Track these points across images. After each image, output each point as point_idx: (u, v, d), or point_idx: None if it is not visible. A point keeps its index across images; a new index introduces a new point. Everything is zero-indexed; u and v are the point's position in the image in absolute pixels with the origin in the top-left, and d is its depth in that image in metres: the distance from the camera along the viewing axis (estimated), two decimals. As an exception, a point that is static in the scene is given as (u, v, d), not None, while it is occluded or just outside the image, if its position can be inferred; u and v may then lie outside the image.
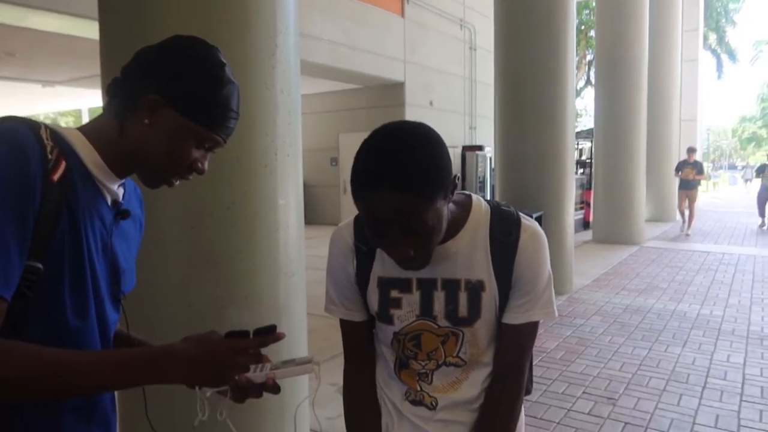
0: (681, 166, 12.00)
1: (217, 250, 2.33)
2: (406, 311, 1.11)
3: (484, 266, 1.07)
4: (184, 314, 2.34)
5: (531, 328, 1.11)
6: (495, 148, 6.89)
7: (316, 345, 3.83)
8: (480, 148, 13.91)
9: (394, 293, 1.12)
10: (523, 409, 1.19)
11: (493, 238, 1.07)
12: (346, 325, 1.20)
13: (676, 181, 12.20)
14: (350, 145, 13.27)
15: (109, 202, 0.98)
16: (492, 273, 1.07)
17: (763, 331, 5.15)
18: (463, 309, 1.09)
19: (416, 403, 1.17)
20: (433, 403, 1.16)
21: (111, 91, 0.98)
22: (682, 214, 11.99)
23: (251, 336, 0.95)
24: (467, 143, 14.21)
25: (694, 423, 3.30)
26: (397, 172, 0.90)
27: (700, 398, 3.65)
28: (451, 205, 1.05)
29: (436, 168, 0.93)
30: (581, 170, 12.96)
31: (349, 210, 13.54)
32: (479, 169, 13.58)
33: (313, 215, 13.15)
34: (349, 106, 13.28)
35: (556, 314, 1.11)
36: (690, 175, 11.74)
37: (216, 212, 2.32)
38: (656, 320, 5.46)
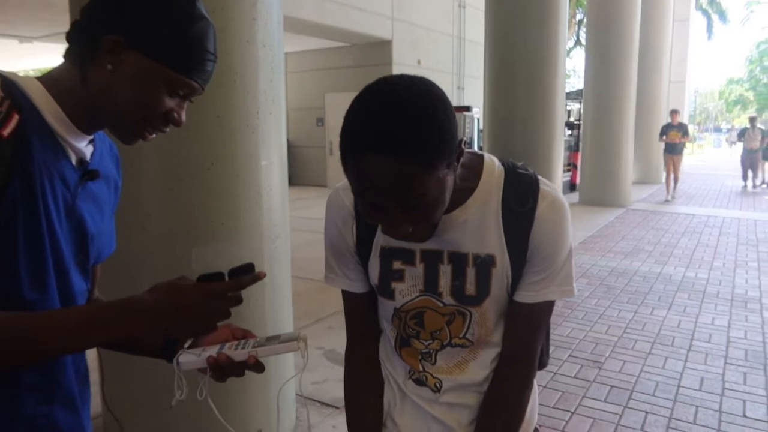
0: (666, 130, 11.60)
1: (197, 214, 2.24)
2: (409, 285, 1.00)
3: (495, 239, 0.94)
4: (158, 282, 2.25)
5: (546, 307, 0.99)
6: (484, 108, 6.77)
7: (300, 308, 3.79)
8: (468, 108, 13.71)
9: (397, 265, 1.00)
10: (535, 387, 1.08)
11: (506, 207, 0.94)
12: (348, 297, 1.09)
13: (662, 145, 11.93)
14: (336, 104, 13.04)
15: (74, 161, 0.88)
16: (504, 247, 0.94)
17: (747, 293, 5.19)
18: (470, 286, 0.97)
19: (420, 383, 1.07)
20: (437, 385, 1.05)
21: (71, 35, 0.86)
22: (668, 180, 11.49)
23: (226, 278, 0.85)
24: (455, 104, 13.98)
25: (679, 386, 3.31)
26: (393, 135, 0.76)
27: (685, 361, 3.67)
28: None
29: (440, 130, 0.78)
30: (569, 132, 12.86)
31: (335, 171, 13.40)
32: (467, 130, 13.42)
33: (298, 176, 13.00)
34: (335, 64, 12.97)
35: (575, 292, 0.98)
36: (676, 138, 11.38)
37: (195, 173, 2.21)
38: (642, 283, 5.48)
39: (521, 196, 0.93)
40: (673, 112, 11.69)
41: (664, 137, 11.59)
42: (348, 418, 1.13)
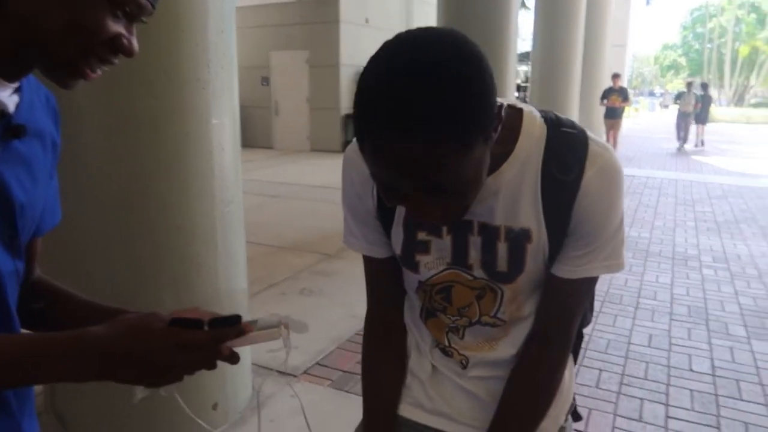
0: (607, 94, 11.61)
1: (144, 175, 2.06)
2: (435, 257, 0.89)
3: (531, 211, 0.82)
4: (107, 251, 2.09)
5: (588, 284, 0.87)
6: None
7: (251, 274, 3.65)
8: (416, 69, 13.59)
9: (422, 235, 0.89)
10: (571, 362, 0.99)
11: (546, 175, 0.80)
12: (369, 261, 0.98)
13: (602, 110, 12.04)
14: (281, 63, 12.62)
15: None
16: (542, 220, 0.82)
17: (687, 252, 5.40)
18: (501, 262, 0.86)
19: (446, 353, 0.98)
20: (464, 362, 0.96)
21: None
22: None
23: (205, 327, 0.70)
24: (403, 64, 13.83)
25: (629, 343, 3.41)
26: (416, 105, 0.61)
27: (634, 318, 3.78)
28: None
29: (474, 96, 0.64)
30: (516, 94, 12.96)
31: (282, 133, 13.08)
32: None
33: (243, 138, 12.57)
34: (281, 21, 12.50)
35: (624, 266, 0.85)
36: (616, 102, 11.36)
37: (141, 132, 2.03)
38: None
39: (565, 163, 0.79)
40: (615, 76, 11.65)
41: (605, 101, 11.62)
42: (364, 387, 1.04)
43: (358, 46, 12.19)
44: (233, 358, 0.73)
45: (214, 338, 0.69)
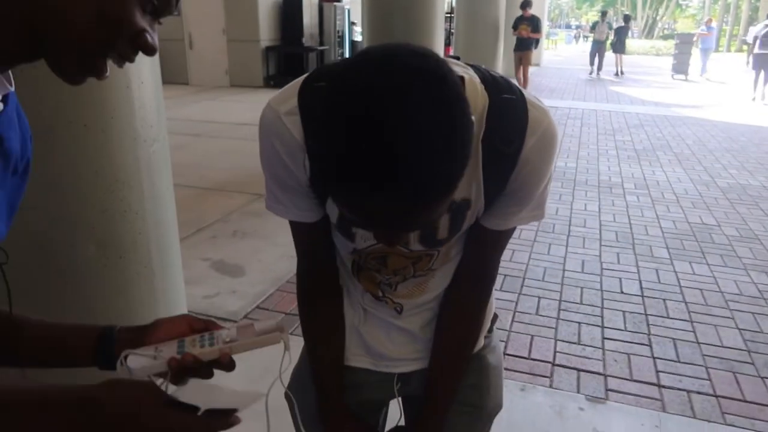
0: (516, 23, 10.48)
1: (52, 113, 1.81)
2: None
3: (472, 182, 0.80)
4: (21, 205, 1.84)
5: (513, 231, 0.90)
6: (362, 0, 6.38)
7: (179, 218, 3.45)
8: (338, -1, 13.05)
9: None
10: (493, 303, 1.05)
11: (487, 147, 0.76)
12: (296, 225, 0.91)
13: (511, 42, 10.88)
14: (193, -9, 11.71)
15: None
16: (482, 189, 0.80)
17: (611, 179, 5.61)
18: (443, 231, 0.85)
19: (379, 299, 0.98)
20: (398, 309, 0.98)
21: None
22: (518, 81, 10.23)
23: (201, 410, 0.65)
24: (324, -6, 13.25)
25: (564, 269, 3.52)
26: (407, 170, 0.55)
27: (566, 246, 3.90)
28: None
29: (465, 144, 0.60)
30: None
31: (197, 68, 12.31)
32: (338, 22, 12.81)
33: (155, 73, 11.77)
34: (188, -57, 11.52)
35: (545, 215, 0.88)
36: (525, 32, 10.32)
37: (43, 65, 1.76)
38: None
39: (507, 134, 0.76)
40: (525, 5, 10.42)
41: (515, 31, 10.55)
42: (309, 352, 1.02)
43: (276, -27, 11.49)
44: (230, 366, 0.70)
45: (207, 426, 0.64)
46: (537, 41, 10.64)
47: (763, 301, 3.14)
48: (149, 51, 0.61)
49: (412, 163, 0.55)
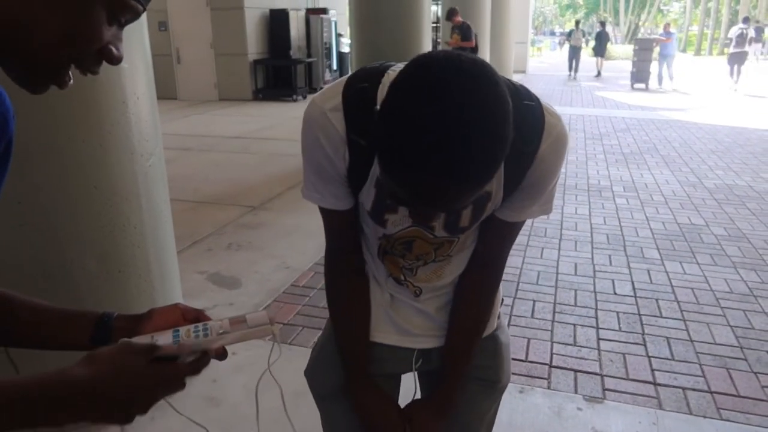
0: (452, 32, 9.26)
1: (51, 129, 1.83)
2: (402, 216, 0.95)
3: (495, 178, 0.88)
4: (15, 218, 1.85)
5: (524, 223, 1.02)
6: (349, 11, 6.43)
7: (174, 232, 3.46)
8: (324, 11, 13.12)
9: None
10: (501, 289, 1.14)
11: (510, 147, 0.85)
12: (330, 213, 1.00)
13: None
14: (180, 7, 11.75)
15: None
16: (501, 184, 0.91)
17: (600, 183, 5.67)
18: (465, 220, 0.95)
19: (399, 283, 1.07)
20: (417, 292, 1.08)
21: None
22: None
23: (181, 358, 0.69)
24: (310, 5, 13.31)
25: (557, 272, 3.56)
26: (460, 162, 0.66)
27: (559, 249, 3.94)
28: None
29: (508, 141, 0.69)
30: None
31: (185, 82, 12.32)
32: (324, 34, 12.89)
33: (143, 89, 11.75)
34: (174, -41, 11.57)
35: (552, 210, 1.00)
36: (455, 41, 9.00)
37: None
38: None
39: (527, 136, 0.85)
40: (451, 13, 9.20)
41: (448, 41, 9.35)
42: (336, 328, 1.12)
43: (262, -13, 11.54)
44: (223, 356, 0.74)
45: (192, 369, 0.68)
46: (472, 50, 8.85)
47: (753, 298, 3.20)
48: (114, 62, 0.62)
49: (465, 160, 0.66)
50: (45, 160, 1.83)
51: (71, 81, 0.62)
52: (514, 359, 2.60)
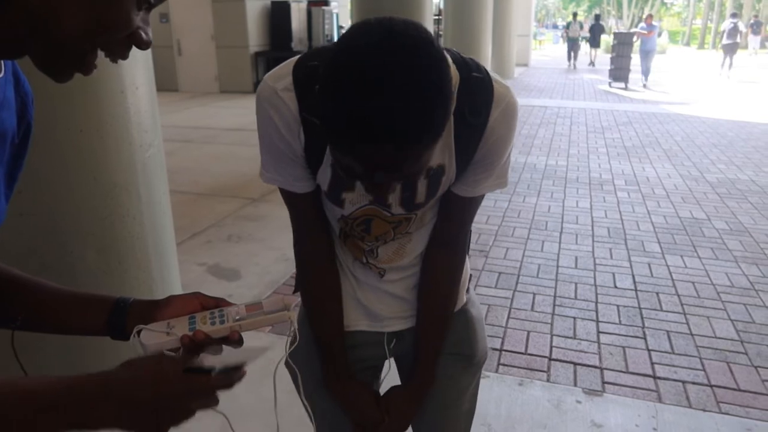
0: None
1: (49, 120, 1.82)
2: (359, 194, 0.95)
3: (446, 150, 0.90)
4: (17, 206, 1.85)
5: (481, 198, 1.01)
6: (351, 3, 6.40)
7: (174, 224, 3.46)
8: (326, 2, 13.06)
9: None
10: (468, 264, 1.14)
11: (459, 119, 0.87)
12: (292, 195, 0.99)
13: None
14: (181, -2, 11.70)
15: None
16: (454, 156, 0.91)
17: (601, 177, 5.65)
18: (420, 196, 0.95)
19: (365, 266, 1.08)
20: (381, 273, 1.07)
21: None
22: None
23: (215, 370, 0.68)
24: (312, -2, 13.27)
25: (558, 266, 3.55)
26: (405, 125, 0.66)
27: (560, 243, 3.93)
28: None
29: (451, 102, 0.71)
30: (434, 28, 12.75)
31: (186, 74, 12.29)
32: (326, 26, 12.84)
33: (144, 81, 11.73)
34: (174, -50, 11.51)
35: (508, 184, 1.00)
36: None
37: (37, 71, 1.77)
38: (510, 173, 5.73)
39: (476, 107, 0.86)
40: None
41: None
42: (311, 319, 1.10)
43: (263, -22, 11.49)
44: (239, 343, 0.73)
45: (222, 383, 0.67)
46: None
47: (754, 292, 3.19)
48: (143, 46, 0.61)
49: (410, 122, 0.66)
50: (43, 149, 1.82)
51: (96, 67, 0.60)
52: (513, 352, 2.60)
